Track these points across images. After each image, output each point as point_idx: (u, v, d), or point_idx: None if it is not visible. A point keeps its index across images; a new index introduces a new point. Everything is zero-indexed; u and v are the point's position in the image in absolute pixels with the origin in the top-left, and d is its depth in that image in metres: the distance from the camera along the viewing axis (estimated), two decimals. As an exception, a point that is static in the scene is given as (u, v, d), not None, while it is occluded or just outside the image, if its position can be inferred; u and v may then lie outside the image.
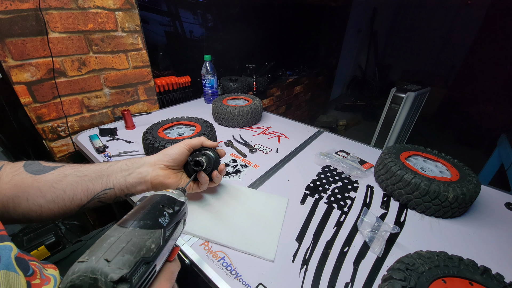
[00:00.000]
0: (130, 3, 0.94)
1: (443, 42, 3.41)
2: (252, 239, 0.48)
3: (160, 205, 0.30)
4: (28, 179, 0.40)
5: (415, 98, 1.91)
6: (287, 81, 2.21)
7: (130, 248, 0.23)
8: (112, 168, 0.45)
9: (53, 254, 0.84)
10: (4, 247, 0.28)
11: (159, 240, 0.26)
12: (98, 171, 0.44)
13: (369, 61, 3.83)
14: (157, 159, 0.48)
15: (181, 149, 0.48)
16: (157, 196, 0.32)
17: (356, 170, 0.70)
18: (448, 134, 3.02)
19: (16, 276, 0.27)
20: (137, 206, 0.29)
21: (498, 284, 0.35)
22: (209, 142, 0.52)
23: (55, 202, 0.41)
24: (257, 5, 1.81)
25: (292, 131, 0.97)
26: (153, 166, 0.47)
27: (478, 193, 0.54)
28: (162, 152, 0.49)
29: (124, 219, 0.27)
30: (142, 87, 1.10)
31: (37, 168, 0.42)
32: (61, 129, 0.90)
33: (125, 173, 0.45)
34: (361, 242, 0.49)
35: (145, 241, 0.25)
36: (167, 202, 0.31)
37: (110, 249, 0.23)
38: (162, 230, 0.27)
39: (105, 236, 0.24)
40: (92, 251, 0.23)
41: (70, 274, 0.21)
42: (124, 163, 0.46)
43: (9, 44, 0.71)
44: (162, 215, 0.29)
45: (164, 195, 0.32)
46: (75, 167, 0.44)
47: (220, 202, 0.56)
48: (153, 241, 0.25)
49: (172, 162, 0.48)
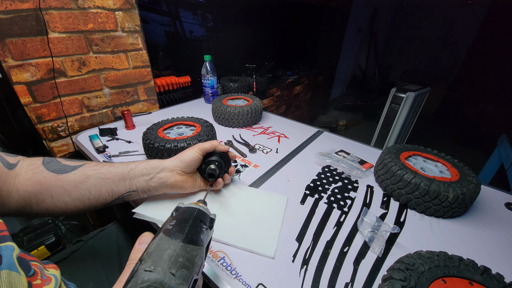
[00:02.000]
0: (130, 3, 0.94)
1: (443, 42, 3.41)
2: (252, 236, 0.48)
3: (199, 220, 0.31)
4: (51, 178, 0.42)
5: (415, 98, 1.91)
6: (287, 81, 2.21)
7: (186, 263, 0.24)
8: (133, 172, 0.47)
9: (53, 254, 0.85)
10: (6, 247, 0.28)
11: (203, 257, 0.27)
12: (120, 174, 0.46)
13: (369, 61, 3.83)
14: (175, 165, 0.49)
15: (195, 155, 0.50)
16: (194, 209, 0.32)
17: (356, 170, 0.70)
18: (448, 134, 3.02)
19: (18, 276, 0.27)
20: (178, 217, 0.30)
21: (498, 284, 0.35)
22: (221, 146, 0.54)
23: (80, 201, 0.44)
24: (257, 5, 1.81)
25: (292, 131, 0.97)
26: (172, 172, 0.49)
27: (478, 193, 0.54)
28: (178, 158, 0.50)
29: (170, 230, 0.27)
30: (142, 87, 1.10)
31: (58, 167, 0.44)
32: (61, 129, 0.90)
33: (147, 177, 0.48)
34: (361, 242, 0.49)
35: (195, 257, 0.25)
36: (203, 217, 0.32)
37: (172, 262, 0.23)
38: (204, 247, 0.28)
39: (159, 245, 0.25)
40: (154, 261, 0.23)
41: (139, 282, 0.21)
42: (143, 167, 0.48)
43: (9, 44, 0.71)
44: (202, 231, 0.29)
45: (200, 210, 0.33)
46: (95, 167, 0.46)
47: (220, 201, 0.56)
48: (200, 257, 0.26)
49: (187, 168, 0.50)
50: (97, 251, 0.60)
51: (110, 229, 0.67)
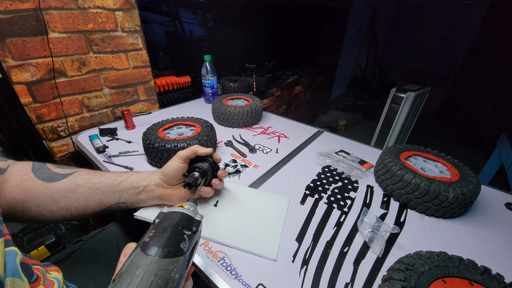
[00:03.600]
0: (130, 3, 0.94)
1: (443, 42, 3.41)
2: (254, 238, 0.48)
3: (180, 226, 0.29)
4: (39, 186, 0.41)
5: (415, 98, 1.91)
6: (287, 81, 2.21)
7: (158, 281, 0.23)
8: (123, 184, 0.47)
9: (53, 254, 0.85)
10: (9, 252, 0.28)
11: (182, 268, 0.26)
12: (110, 186, 0.46)
13: (369, 61, 3.83)
14: (159, 178, 0.48)
15: (176, 165, 0.48)
16: (176, 215, 0.31)
17: (356, 170, 0.70)
18: (448, 134, 3.02)
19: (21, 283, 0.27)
20: (157, 226, 0.29)
21: (498, 284, 0.35)
22: (202, 150, 0.49)
23: (68, 210, 0.43)
24: (257, 5, 1.81)
25: (292, 131, 0.97)
26: (157, 186, 0.48)
27: (478, 193, 0.54)
28: (161, 172, 0.48)
29: (147, 243, 0.26)
30: (142, 87, 1.10)
31: (47, 174, 0.43)
32: (61, 129, 0.90)
33: (136, 191, 0.47)
34: (361, 242, 0.49)
35: (170, 271, 0.25)
36: (186, 222, 0.30)
37: (141, 284, 0.23)
38: (184, 257, 0.27)
39: (131, 264, 0.24)
40: (123, 284, 0.23)
41: None
42: (134, 179, 0.48)
43: (9, 44, 0.71)
44: (183, 239, 0.28)
45: (182, 214, 0.31)
46: (86, 177, 0.45)
47: (221, 202, 0.56)
48: (177, 271, 0.25)
49: (171, 180, 0.48)
50: (97, 251, 0.60)
51: (110, 229, 0.67)
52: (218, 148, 0.83)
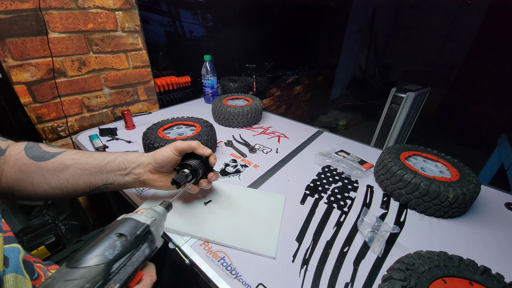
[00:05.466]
0: (130, 3, 0.94)
1: (443, 42, 3.41)
2: (252, 237, 0.48)
3: (117, 233, 0.29)
4: (31, 166, 0.42)
5: (415, 98, 1.91)
6: (287, 81, 2.21)
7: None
8: (110, 165, 0.46)
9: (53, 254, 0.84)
10: (12, 249, 0.28)
11: (97, 277, 0.26)
12: (98, 166, 0.45)
13: (369, 61, 3.83)
14: (148, 162, 0.47)
15: (170, 155, 0.46)
16: (119, 222, 0.31)
17: (356, 170, 0.70)
18: (448, 134, 3.02)
19: (24, 280, 0.27)
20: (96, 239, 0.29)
21: (498, 284, 0.35)
22: (201, 149, 0.47)
23: (59, 189, 0.44)
24: (257, 5, 1.81)
25: (292, 131, 0.97)
26: (145, 169, 0.47)
27: (478, 193, 0.54)
28: (153, 155, 0.47)
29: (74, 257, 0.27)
30: (142, 87, 1.10)
31: (37, 153, 0.43)
32: (61, 129, 0.90)
33: (123, 172, 0.46)
34: (361, 242, 0.49)
35: (79, 281, 0.25)
36: (127, 228, 0.30)
37: None
38: (104, 265, 0.26)
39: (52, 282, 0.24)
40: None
41: None
42: (121, 160, 0.47)
43: (9, 44, 0.71)
44: (113, 246, 0.28)
45: (128, 220, 0.32)
46: (74, 157, 0.45)
47: (218, 203, 0.56)
48: (88, 280, 0.25)
49: (160, 167, 0.47)
50: None
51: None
52: (218, 148, 0.83)
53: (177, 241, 0.47)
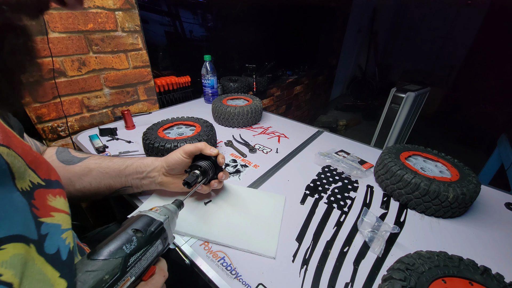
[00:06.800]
0: (130, 3, 0.94)
1: (443, 42, 3.41)
2: (252, 237, 0.48)
3: (133, 229, 0.31)
4: (60, 168, 0.45)
5: (415, 98, 1.91)
6: (287, 81, 2.21)
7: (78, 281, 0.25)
8: (129, 169, 0.50)
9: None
10: None
11: (116, 269, 0.27)
12: (117, 170, 0.49)
13: (369, 61, 3.83)
14: (161, 166, 0.51)
15: (179, 158, 0.49)
16: (135, 218, 0.33)
17: (356, 170, 0.70)
18: (448, 134, 3.02)
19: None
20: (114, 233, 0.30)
21: (498, 284, 0.35)
22: (208, 150, 0.49)
23: (81, 192, 0.47)
24: (257, 5, 1.81)
25: (292, 131, 0.97)
26: (159, 172, 0.51)
27: (478, 193, 0.54)
28: (165, 160, 0.51)
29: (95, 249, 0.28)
30: (142, 87, 1.10)
31: (67, 157, 0.48)
32: (61, 129, 0.90)
33: (140, 175, 0.51)
34: (361, 242, 0.49)
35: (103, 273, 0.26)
36: (142, 224, 0.32)
37: None
38: (122, 258, 0.28)
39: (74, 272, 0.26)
40: None
41: None
42: (138, 165, 0.51)
43: (9, 44, 0.71)
44: (130, 241, 0.29)
45: (143, 217, 0.33)
46: (97, 161, 0.50)
47: (218, 203, 0.56)
48: (107, 272, 0.26)
49: (172, 171, 0.50)
50: None
51: (110, 229, 0.67)
52: (218, 148, 0.83)
53: (177, 241, 0.47)
